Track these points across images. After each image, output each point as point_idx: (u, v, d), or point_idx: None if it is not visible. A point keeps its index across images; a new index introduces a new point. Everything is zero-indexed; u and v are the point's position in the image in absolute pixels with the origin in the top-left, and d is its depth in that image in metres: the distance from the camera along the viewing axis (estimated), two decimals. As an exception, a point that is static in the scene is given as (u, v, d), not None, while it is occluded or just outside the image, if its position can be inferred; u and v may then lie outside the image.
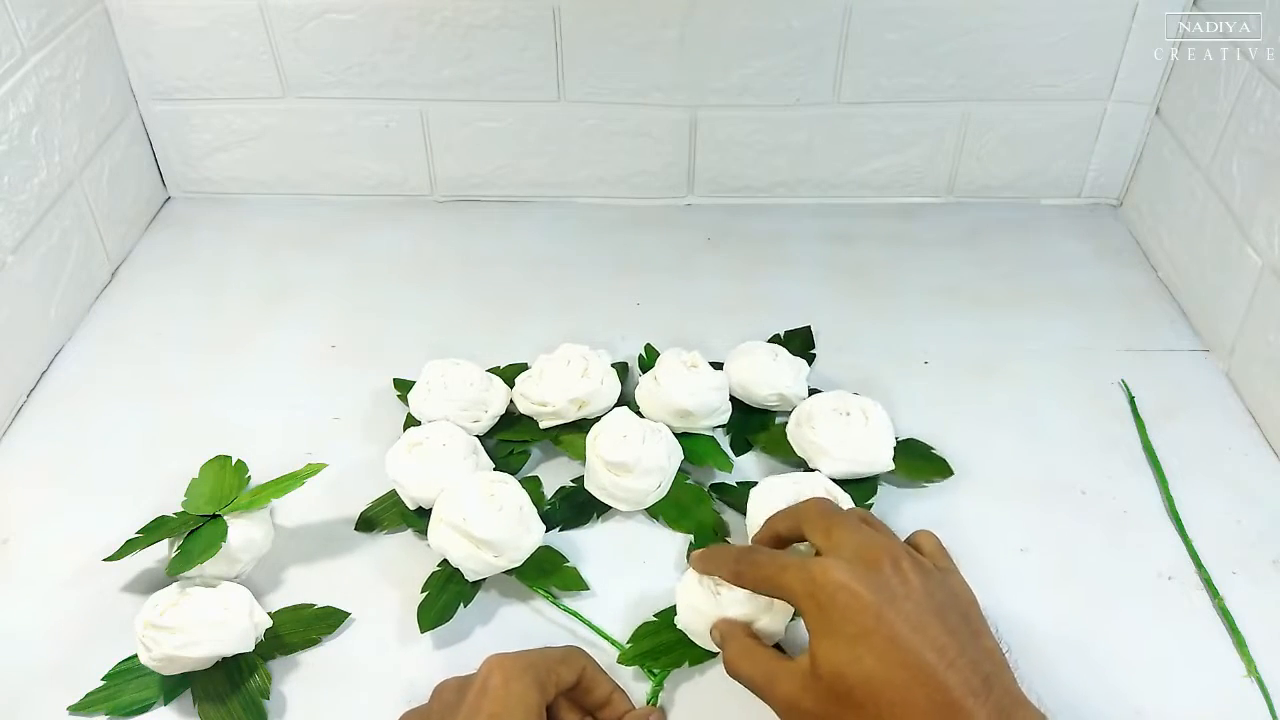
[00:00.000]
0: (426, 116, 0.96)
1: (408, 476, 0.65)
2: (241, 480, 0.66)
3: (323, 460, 0.64)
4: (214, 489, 0.65)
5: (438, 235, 0.97)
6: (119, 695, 0.56)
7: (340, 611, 0.61)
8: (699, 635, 0.57)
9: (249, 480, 0.67)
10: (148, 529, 0.63)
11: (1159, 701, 0.57)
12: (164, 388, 0.79)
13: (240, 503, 0.63)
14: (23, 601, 0.63)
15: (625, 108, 0.94)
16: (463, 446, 0.66)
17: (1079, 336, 0.83)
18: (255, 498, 0.62)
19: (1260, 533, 0.67)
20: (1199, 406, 0.77)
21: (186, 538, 0.61)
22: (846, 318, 0.85)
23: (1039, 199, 1.00)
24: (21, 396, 0.78)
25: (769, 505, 0.63)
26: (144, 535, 0.63)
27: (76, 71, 0.85)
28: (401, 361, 0.78)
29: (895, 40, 0.90)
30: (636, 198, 1.00)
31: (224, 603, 0.57)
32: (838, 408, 0.69)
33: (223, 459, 0.68)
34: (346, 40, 0.91)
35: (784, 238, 0.96)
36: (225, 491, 0.65)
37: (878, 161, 0.98)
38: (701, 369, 0.72)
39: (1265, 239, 0.74)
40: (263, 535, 0.63)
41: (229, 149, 0.98)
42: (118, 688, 0.56)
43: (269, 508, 0.64)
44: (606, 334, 0.83)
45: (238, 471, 0.67)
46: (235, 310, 0.87)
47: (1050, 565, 0.65)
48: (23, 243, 0.78)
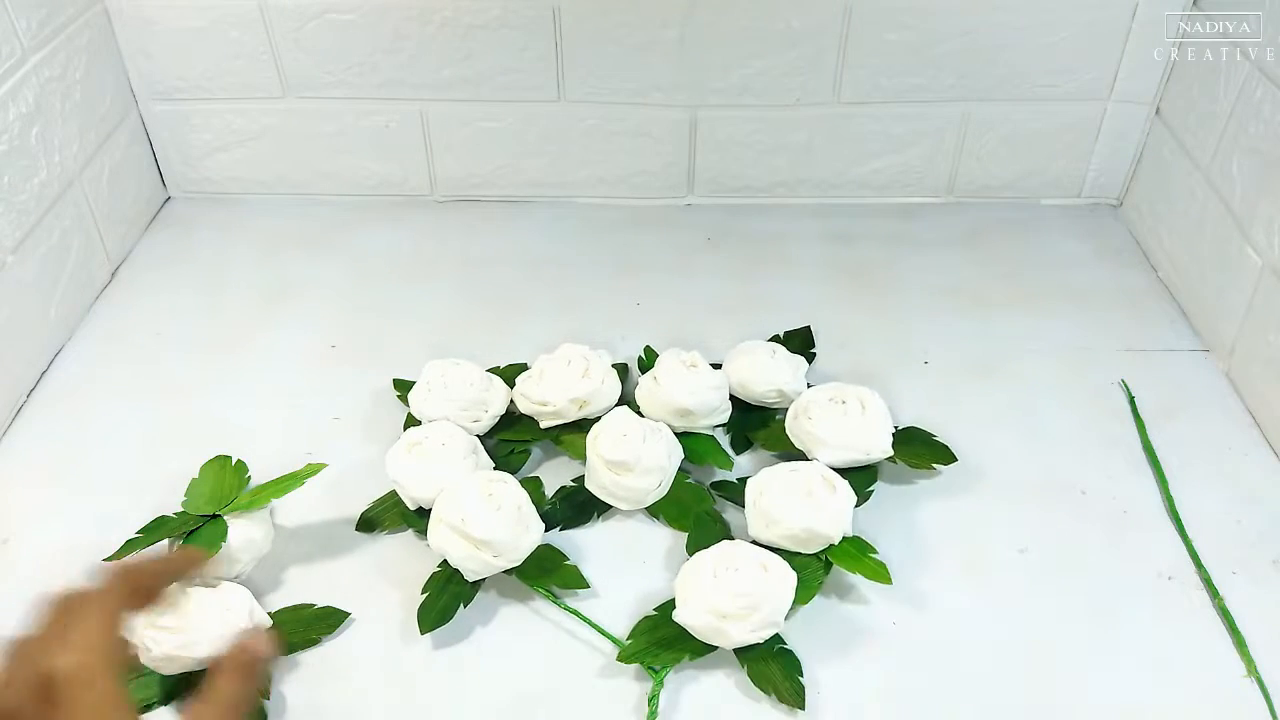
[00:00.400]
0: (426, 116, 0.96)
1: (408, 476, 0.65)
2: (241, 480, 0.66)
3: (323, 460, 0.64)
4: (214, 489, 0.65)
5: (438, 235, 0.97)
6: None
7: (340, 611, 0.61)
8: (698, 629, 0.57)
9: (249, 480, 0.67)
10: (148, 529, 0.63)
11: (1159, 701, 0.57)
12: (164, 388, 0.79)
13: (240, 503, 0.63)
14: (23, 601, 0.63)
15: (625, 108, 0.94)
16: (463, 446, 0.66)
17: (1079, 336, 0.83)
18: (255, 498, 0.63)
19: (1260, 533, 0.67)
20: (1199, 406, 0.77)
21: (186, 537, 0.61)
22: (846, 318, 0.85)
23: (1039, 199, 1.00)
24: (21, 396, 0.78)
25: (767, 497, 0.63)
26: (144, 535, 0.63)
27: (76, 71, 0.85)
28: (401, 361, 0.78)
29: (895, 40, 0.90)
30: (636, 198, 1.00)
31: (224, 603, 0.57)
32: (834, 397, 0.69)
33: (223, 459, 0.68)
34: (346, 40, 0.91)
35: (784, 238, 0.96)
36: (225, 491, 0.65)
37: (878, 161, 0.98)
38: (701, 369, 0.72)
39: (1265, 239, 0.74)
40: (263, 535, 0.63)
41: (229, 149, 0.99)
42: None
43: (269, 508, 0.64)
44: (606, 334, 0.83)
45: (238, 471, 0.67)
46: (235, 310, 0.87)
47: (1050, 565, 0.65)
48: (23, 243, 0.78)
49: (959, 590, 0.63)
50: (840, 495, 0.63)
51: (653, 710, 0.56)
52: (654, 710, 0.56)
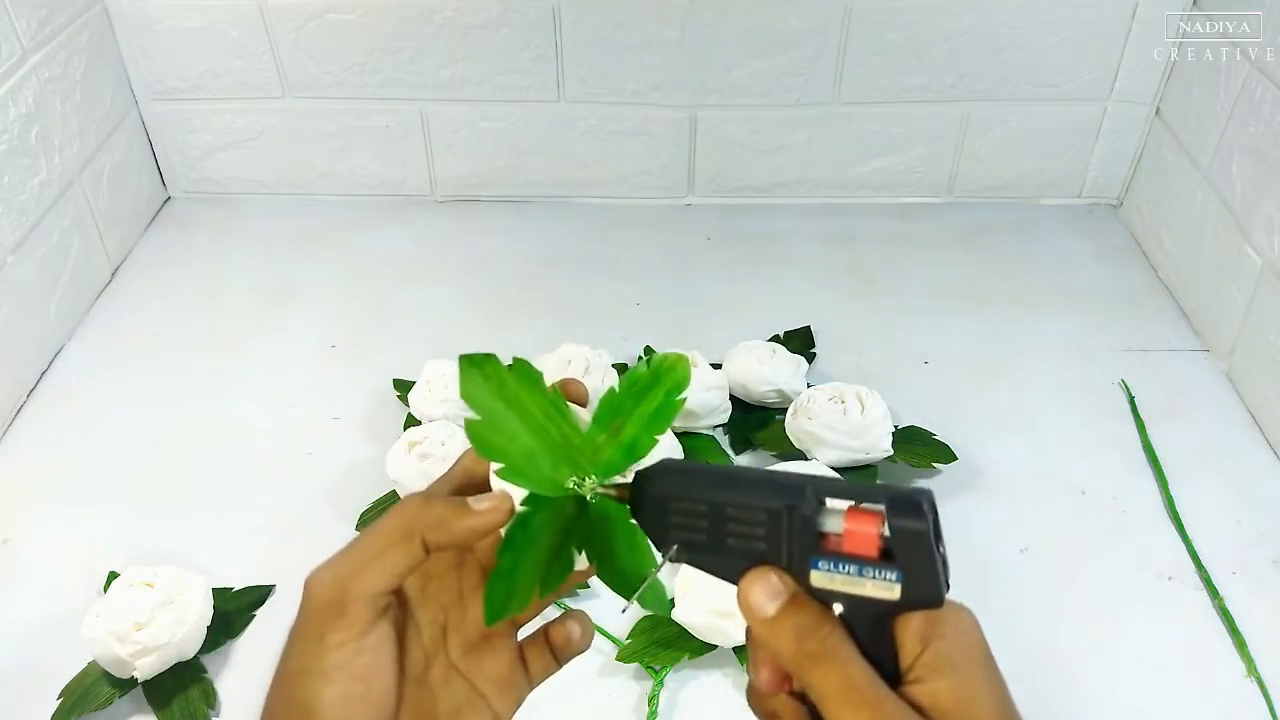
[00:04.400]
0: (426, 116, 0.96)
1: (408, 476, 0.65)
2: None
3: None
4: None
5: (438, 235, 0.97)
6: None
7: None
8: (698, 628, 0.57)
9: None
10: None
11: (1159, 701, 0.57)
12: (164, 388, 0.79)
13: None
14: (23, 601, 0.63)
15: (625, 108, 0.94)
16: (462, 446, 0.66)
17: (1079, 336, 0.83)
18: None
19: (1260, 533, 0.67)
20: (1199, 406, 0.77)
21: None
22: (846, 318, 0.85)
23: (1039, 199, 1.00)
24: (21, 396, 0.78)
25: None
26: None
27: (76, 71, 0.85)
28: (401, 361, 0.78)
29: (895, 40, 0.90)
30: (636, 198, 1.00)
31: (183, 602, 0.58)
32: (834, 396, 0.69)
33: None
34: (346, 40, 0.91)
35: (784, 238, 0.96)
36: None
37: (878, 161, 0.98)
38: (701, 369, 0.72)
39: (1265, 239, 0.74)
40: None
41: (229, 149, 0.98)
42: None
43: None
44: (606, 334, 0.83)
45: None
46: (235, 310, 0.87)
47: (1050, 565, 0.65)
48: (23, 243, 0.78)
49: (959, 590, 0.63)
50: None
51: (653, 710, 0.56)
52: (654, 710, 0.56)
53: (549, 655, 0.37)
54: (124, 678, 0.57)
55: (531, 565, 0.32)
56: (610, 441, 0.33)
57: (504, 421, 0.32)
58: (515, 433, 0.32)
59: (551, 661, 0.37)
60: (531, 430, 0.32)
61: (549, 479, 0.32)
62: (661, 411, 0.33)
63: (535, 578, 0.32)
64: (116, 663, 0.56)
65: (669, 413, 0.33)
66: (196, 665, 0.59)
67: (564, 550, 0.33)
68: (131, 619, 0.56)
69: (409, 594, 0.35)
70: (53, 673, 0.58)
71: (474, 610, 0.36)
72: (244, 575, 0.64)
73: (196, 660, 0.59)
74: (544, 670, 0.37)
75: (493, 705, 0.36)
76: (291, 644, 0.33)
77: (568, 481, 0.32)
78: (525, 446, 0.32)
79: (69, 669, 0.58)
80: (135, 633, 0.56)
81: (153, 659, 0.56)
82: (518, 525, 0.32)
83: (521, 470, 0.32)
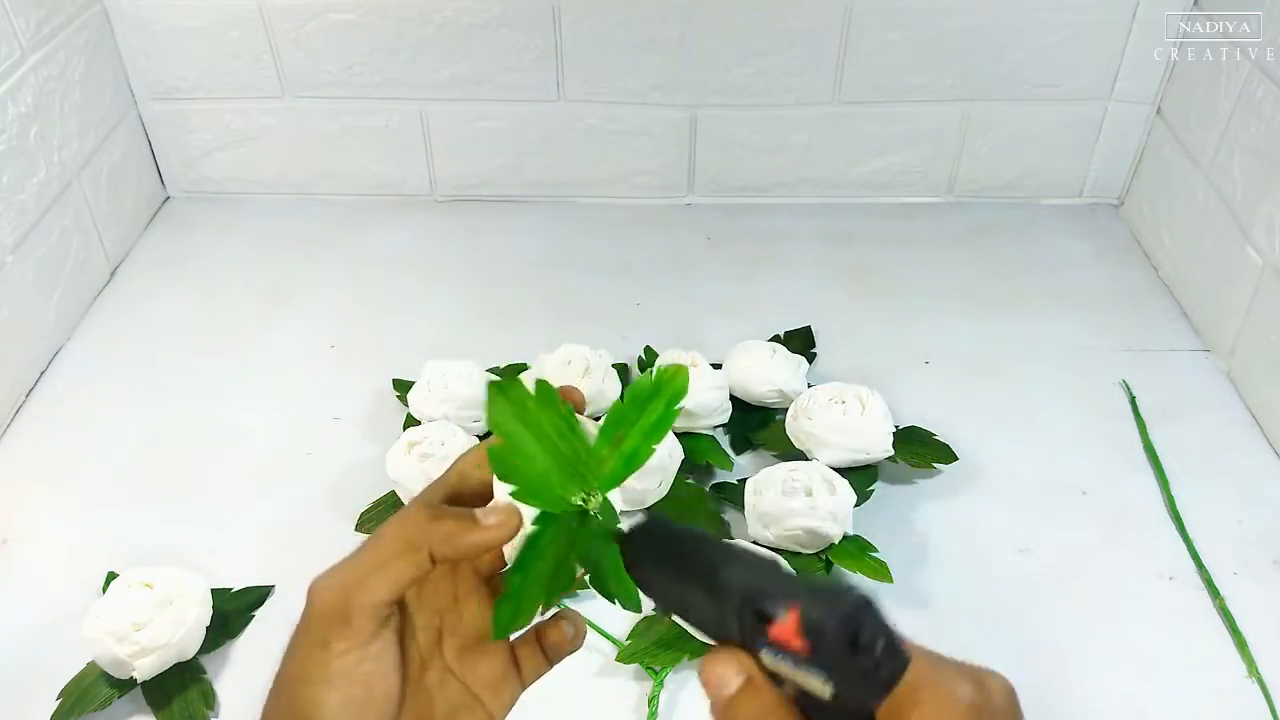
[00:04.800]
0: (426, 116, 0.96)
1: (407, 477, 0.65)
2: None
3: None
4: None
5: (438, 235, 0.97)
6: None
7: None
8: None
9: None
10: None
11: (1159, 701, 0.57)
12: (164, 388, 0.79)
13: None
14: (22, 601, 0.63)
15: (625, 108, 0.94)
16: (462, 446, 0.66)
17: (1079, 336, 0.83)
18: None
19: (1260, 533, 0.67)
20: (1199, 406, 0.77)
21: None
22: (847, 317, 0.85)
23: (1039, 199, 1.00)
24: (21, 396, 0.78)
25: (765, 498, 0.63)
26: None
27: (75, 71, 0.85)
28: (401, 361, 0.78)
29: (895, 40, 0.90)
30: (636, 198, 1.00)
31: (182, 602, 0.58)
32: (834, 396, 0.69)
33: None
34: (346, 40, 0.91)
35: (784, 238, 0.96)
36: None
37: (878, 161, 0.98)
38: (701, 369, 0.72)
39: (1266, 239, 0.74)
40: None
41: (228, 149, 0.98)
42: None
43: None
44: (606, 334, 0.83)
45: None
46: (235, 310, 0.87)
47: (1050, 565, 0.65)
48: (22, 243, 0.78)
49: (959, 590, 0.63)
50: (840, 495, 0.63)
51: (653, 711, 0.56)
52: (654, 711, 0.56)
53: (541, 655, 0.37)
54: (123, 678, 0.57)
55: (538, 581, 0.32)
56: (613, 453, 0.33)
57: (524, 444, 0.33)
58: (533, 454, 0.33)
59: (544, 661, 0.37)
60: (546, 450, 0.33)
61: (558, 497, 0.33)
62: (661, 422, 0.34)
63: (541, 593, 0.33)
64: (115, 663, 0.56)
65: (667, 423, 0.34)
66: (196, 666, 0.59)
67: (566, 562, 0.33)
68: (130, 619, 0.56)
69: (405, 599, 0.35)
70: (52, 673, 0.58)
71: (468, 613, 0.36)
72: (243, 576, 0.64)
73: (196, 661, 0.59)
74: (536, 670, 0.37)
75: (487, 707, 0.36)
76: (294, 650, 0.33)
77: (575, 498, 0.33)
78: (540, 468, 0.33)
79: (68, 669, 0.58)
80: (134, 633, 0.55)
81: (152, 659, 0.56)
82: (527, 546, 0.32)
83: (535, 491, 0.32)
